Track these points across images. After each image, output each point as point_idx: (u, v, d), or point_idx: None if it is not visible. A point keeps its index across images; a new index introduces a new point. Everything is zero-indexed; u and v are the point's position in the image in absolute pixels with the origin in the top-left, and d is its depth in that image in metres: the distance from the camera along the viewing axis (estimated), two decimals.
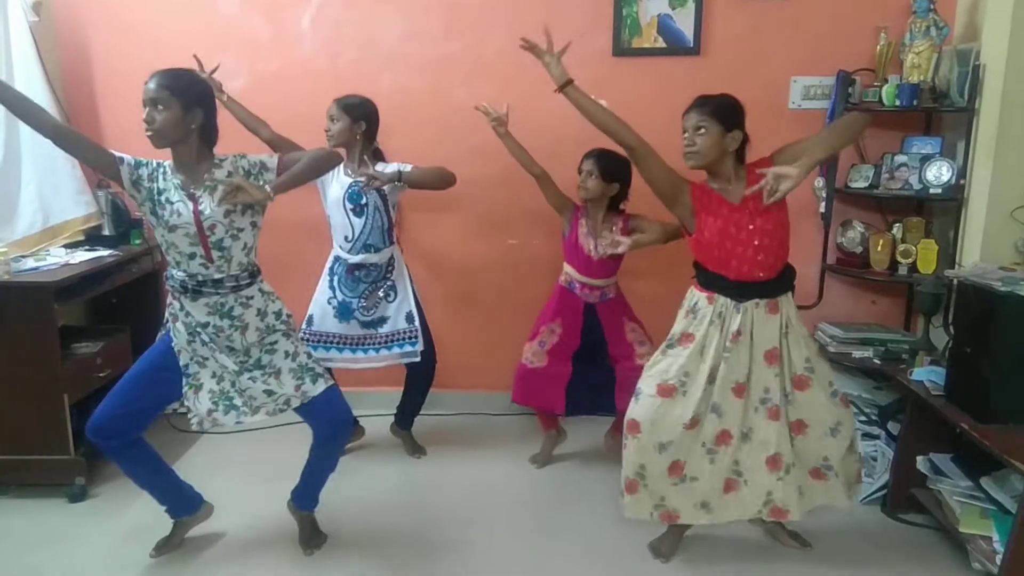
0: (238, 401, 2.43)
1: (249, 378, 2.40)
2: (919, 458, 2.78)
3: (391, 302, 3.17)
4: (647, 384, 2.47)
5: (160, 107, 2.18)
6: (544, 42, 2.52)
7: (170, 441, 3.29)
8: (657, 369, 2.47)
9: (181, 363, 2.39)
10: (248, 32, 3.54)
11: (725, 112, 2.36)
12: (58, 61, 3.56)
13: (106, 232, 3.50)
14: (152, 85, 2.19)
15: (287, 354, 2.42)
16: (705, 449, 2.44)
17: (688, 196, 2.42)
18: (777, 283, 2.42)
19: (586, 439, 3.44)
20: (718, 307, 2.41)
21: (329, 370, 3.16)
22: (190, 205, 2.24)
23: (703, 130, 2.34)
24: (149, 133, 2.20)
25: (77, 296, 3.09)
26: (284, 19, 3.54)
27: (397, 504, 3.00)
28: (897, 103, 3.17)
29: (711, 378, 2.41)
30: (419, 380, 3.34)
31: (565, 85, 2.49)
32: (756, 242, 2.35)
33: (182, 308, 2.35)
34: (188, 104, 2.21)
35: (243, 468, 3.24)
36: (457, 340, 3.72)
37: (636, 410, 2.46)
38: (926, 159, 3.21)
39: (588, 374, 3.11)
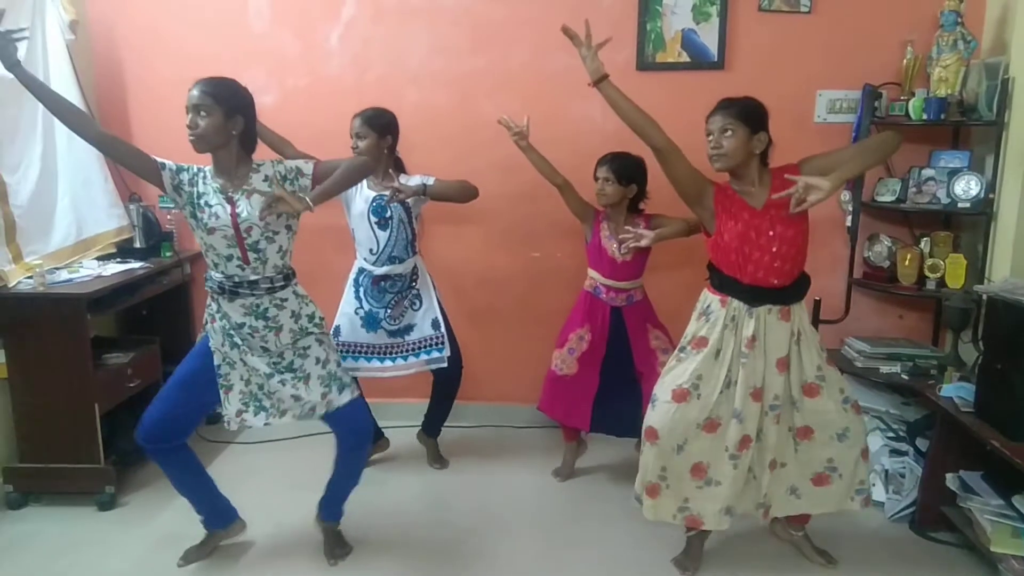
0: (266, 403, 2.47)
1: (279, 381, 2.44)
2: (949, 475, 2.75)
3: (416, 310, 3.20)
4: (662, 390, 2.47)
5: (203, 113, 2.24)
6: (583, 35, 2.47)
7: (199, 451, 3.31)
8: (672, 375, 2.47)
9: (215, 363, 2.43)
10: (278, 48, 3.61)
11: (751, 114, 2.36)
12: (93, 77, 3.65)
13: (137, 245, 3.57)
14: (196, 92, 2.25)
15: (318, 360, 2.46)
16: (728, 455, 2.43)
17: (711, 198, 2.41)
18: (791, 291, 2.41)
19: (608, 453, 3.43)
20: (731, 311, 2.41)
21: (355, 379, 3.20)
22: (228, 208, 2.30)
23: (730, 132, 2.33)
24: (192, 138, 2.26)
25: (109, 307, 3.16)
26: (313, 36, 3.60)
27: (420, 515, 3.01)
28: (924, 117, 3.15)
29: (728, 383, 2.41)
30: (446, 387, 3.35)
31: (600, 80, 2.45)
32: (774, 249, 2.34)
33: (219, 309, 2.40)
34: (230, 111, 2.28)
35: (270, 477, 3.27)
36: (480, 352, 3.73)
37: (653, 417, 2.47)
38: (954, 173, 3.18)
39: (614, 389, 3.10)
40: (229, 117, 2.28)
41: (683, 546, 2.65)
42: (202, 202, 2.32)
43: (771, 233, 2.34)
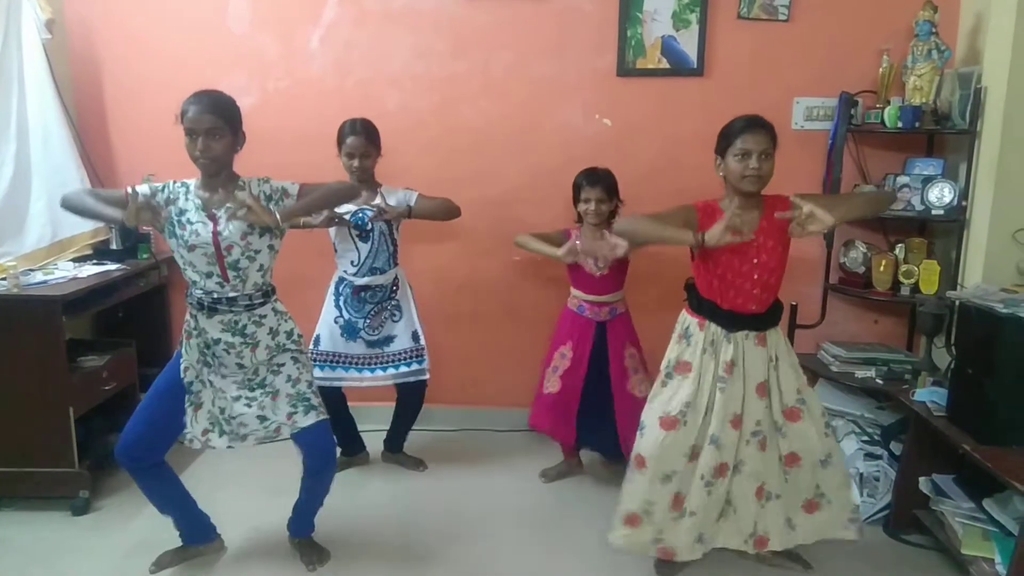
0: (226, 428, 2.46)
1: (245, 403, 2.42)
2: (921, 479, 2.79)
3: (396, 321, 3.19)
4: (650, 417, 2.46)
5: (217, 137, 2.24)
6: None
7: (173, 455, 3.29)
8: (659, 401, 2.46)
9: (186, 380, 2.41)
10: (258, 51, 3.59)
11: (776, 139, 2.34)
12: (70, 78, 3.61)
13: (114, 246, 3.53)
14: (208, 116, 2.22)
15: (289, 378, 2.45)
16: (704, 482, 2.42)
17: (695, 223, 2.35)
18: (766, 317, 2.42)
19: (592, 457, 3.42)
20: (709, 334, 2.41)
21: (339, 390, 3.18)
22: (209, 225, 2.28)
23: (767, 156, 2.29)
24: (205, 161, 2.25)
25: (84, 310, 3.12)
26: (294, 39, 3.58)
27: (401, 520, 3.00)
28: (899, 125, 3.19)
29: (708, 408, 2.41)
30: (410, 401, 3.35)
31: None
32: (756, 276, 2.36)
33: (196, 325, 2.38)
34: (235, 130, 2.30)
35: (246, 482, 3.25)
36: (461, 356, 3.74)
37: (642, 444, 2.46)
38: (928, 180, 3.23)
39: (594, 405, 3.10)
40: (235, 135, 2.30)
41: None
42: (183, 219, 2.30)
43: (755, 261, 2.35)
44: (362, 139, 3.01)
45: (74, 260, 3.38)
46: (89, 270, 3.23)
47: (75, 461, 2.95)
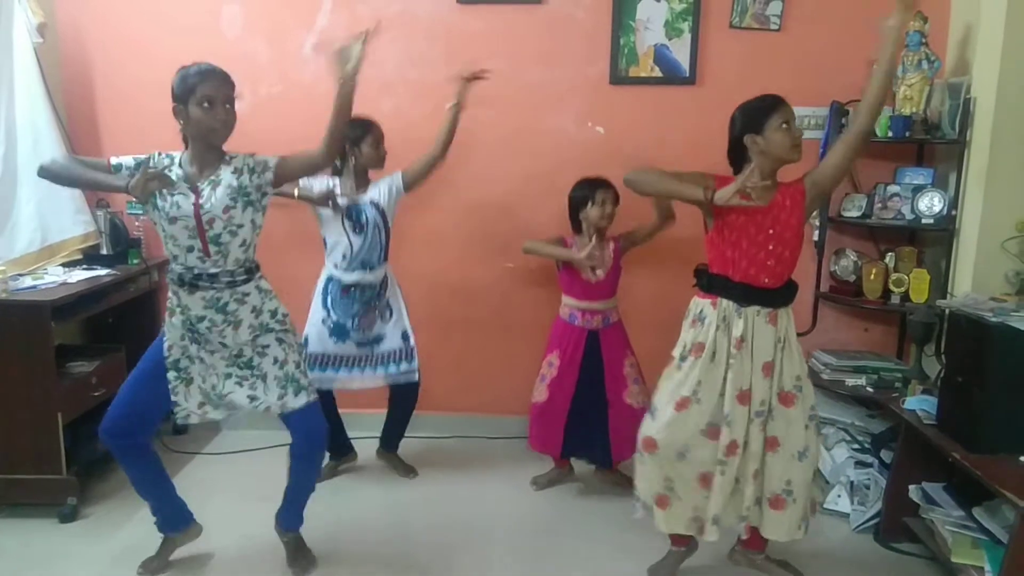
0: (218, 403, 2.47)
1: (236, 382, 2.43)
2: (911, 487, 2.79)
3: (387, 321, 3.19)
4: (661, 399, 2.47)
5: (228, 106, 2.30)
6: None
7: (164, 462, 3.27)
8: (673, 382, 2.46)
9: (171, 358, 2.41)
10: (251, 55, 3.58)
11: None
12: (60, 80, 3.59)
13: (104, 251, 3.52)
14: (225, 84, 2.30)
15: (276, 360, 2.44)
16: (717, 460, 2.44)
17: (713, 191, 2.34)
18: (779, 294, 2.43)
19: (584, 465, 3.42)
20: (721, 311, 2.42)
21: (330, 392, 3.17)
22: (191, 197, 2.28)
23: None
24: (225, 131, 2.31)
25: (74, 315, 3.10)
26: (286, 43, 3.57)
27: (390, 527, 2.99)
28: (889, 134, 3.21)
29: (723, 385, 2.41)
30: (404, 402, 3.34)
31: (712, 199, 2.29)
32: (770, 247, 2.38)
33: (179, 302, 2.38)
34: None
35: (234, 489, 3.23)
36: (452, 362, 3.73)
37: (652, 427, 2.46)
38: (918, 190, 3.25)
39: (586, 414, 3.10)
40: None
41: (661, 556, 2.65)
42: (166, 191, 2.29)
43: (770, 231, 2.37)
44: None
45: (64, 265, 3.36)
46: (79, 275, 3.21)
47: (63, 468, 2.93)
